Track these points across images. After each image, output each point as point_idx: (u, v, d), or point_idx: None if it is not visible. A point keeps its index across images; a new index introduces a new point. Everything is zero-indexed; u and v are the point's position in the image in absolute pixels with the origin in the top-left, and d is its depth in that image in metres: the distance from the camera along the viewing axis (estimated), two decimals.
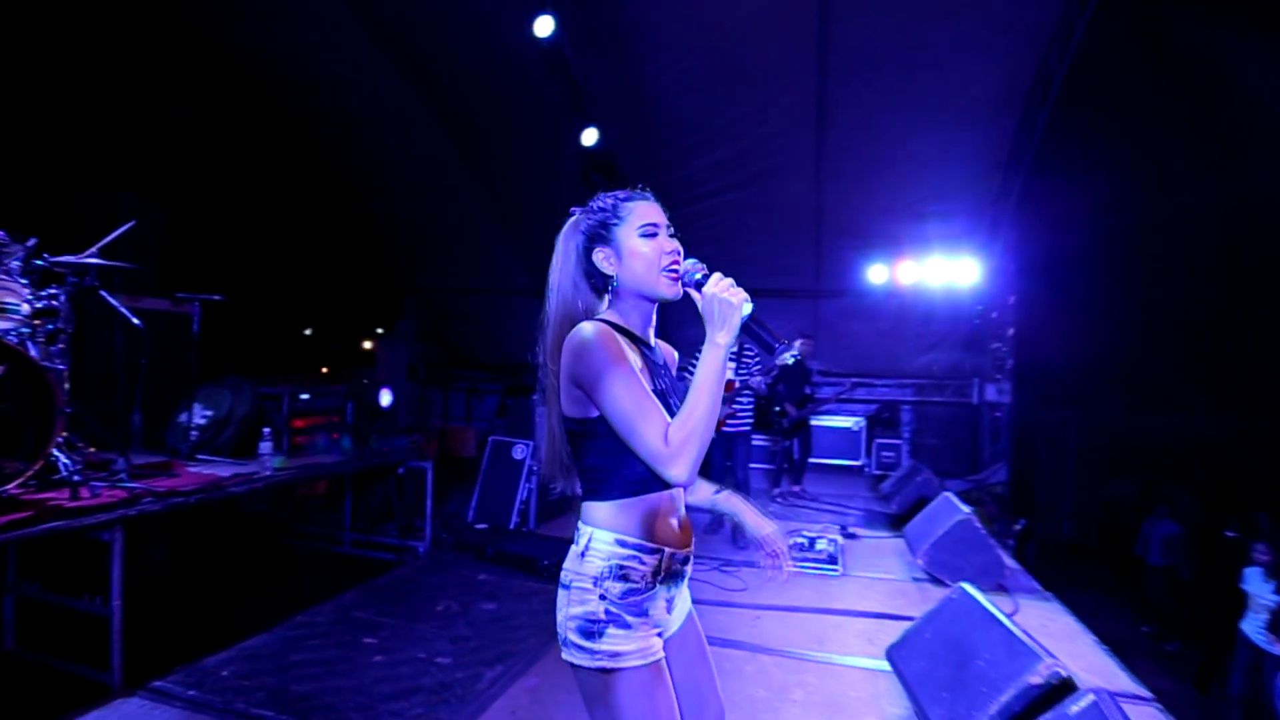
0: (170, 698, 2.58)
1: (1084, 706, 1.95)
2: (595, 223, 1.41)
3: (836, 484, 7.59)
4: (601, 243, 1.39)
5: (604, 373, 1.23)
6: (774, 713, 2.70)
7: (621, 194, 1.44)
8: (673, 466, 1.21)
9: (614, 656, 1.24)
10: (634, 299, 1.41)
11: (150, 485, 2.99)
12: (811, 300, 8.92)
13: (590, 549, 1.29)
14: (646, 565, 1.30)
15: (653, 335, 1.47)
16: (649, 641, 1.29)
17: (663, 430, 1.22)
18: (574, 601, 1.28)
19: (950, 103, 6.32)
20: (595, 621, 1.25)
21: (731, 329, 1.28)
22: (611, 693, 1.24)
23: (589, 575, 1.28)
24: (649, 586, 1.30)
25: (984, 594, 4.00)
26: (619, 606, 1.26)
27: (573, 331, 1.29)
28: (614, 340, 1.27)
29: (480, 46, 6.33)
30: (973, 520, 4.20)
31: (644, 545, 1.30)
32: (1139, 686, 3.06)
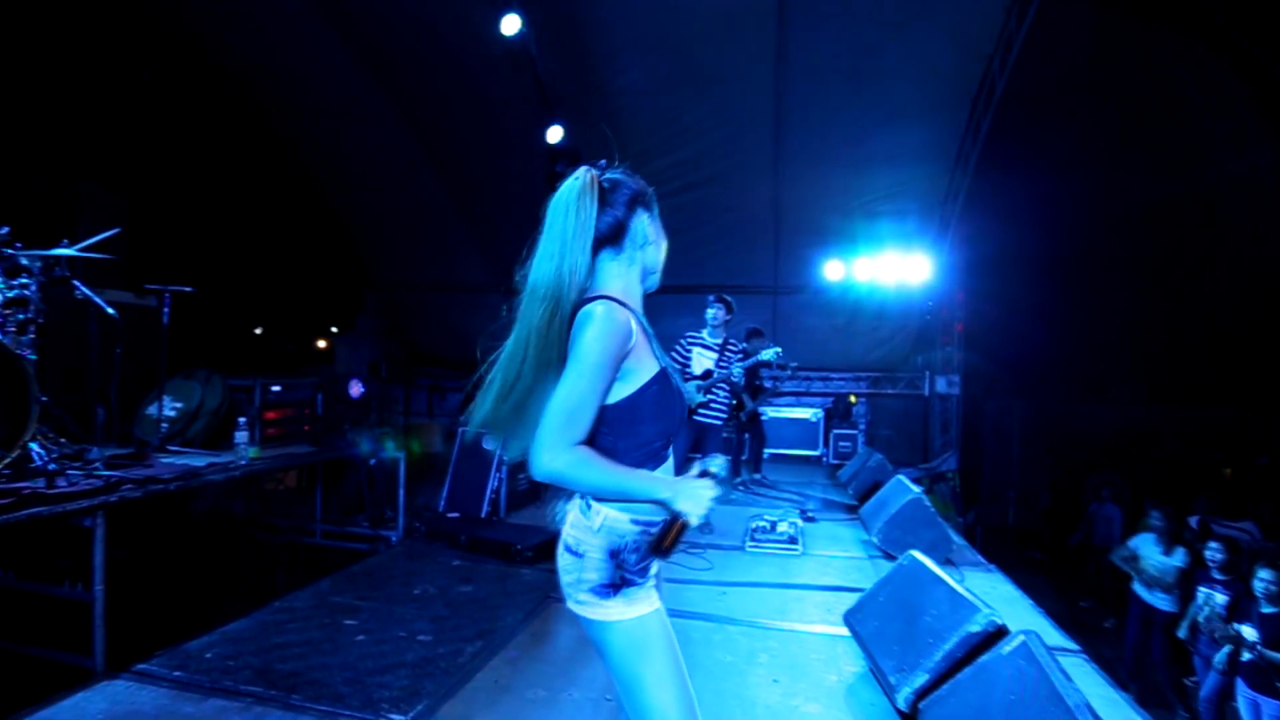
0: (156, 679, 2.63)
1: (1015, 646, 2.19)
2: (638, 191, 1.50)
3: (796, 473, 7.86)
4: (648, 210, 1.52)
5: (589, 361, 1.31)
6: (740, 675, 2.88)
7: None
8: (545, 457, 1.29)
9: (630, 607, 1.39)
10: (639, 276, 1.53)
11: (127, 474, 3.02)
12: (770, 296, 9.21)
13: (606, 526, 1.40)
14: (651, 533, 1.42)
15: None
16: (655, 592, 1.46)
17: (576, 437, 1.31)
18: (588, 569, 1.40)
19: (901, 106, 6.66)
20: (611, 586, 1.39)
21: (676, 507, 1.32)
22: (626, 638, 1.39)
23: (605, 548, 1.40)
24: (655, 551, 1.43)
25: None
26: (633, 572, 1.40)
27: (587, 309, 1.35)
28: (623, 339, 1.34)
29: (443, 41, 6.39)
30: (922, 499, 4.48)
31: (652, 521, 1.41)
32: (1067, 641, 3.36)
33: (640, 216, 1.50)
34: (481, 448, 5.31)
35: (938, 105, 6.64)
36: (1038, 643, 2.15)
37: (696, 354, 4.97)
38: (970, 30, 6.02)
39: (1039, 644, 2.15)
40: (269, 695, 2.52)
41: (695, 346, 4.99)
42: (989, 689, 2.16)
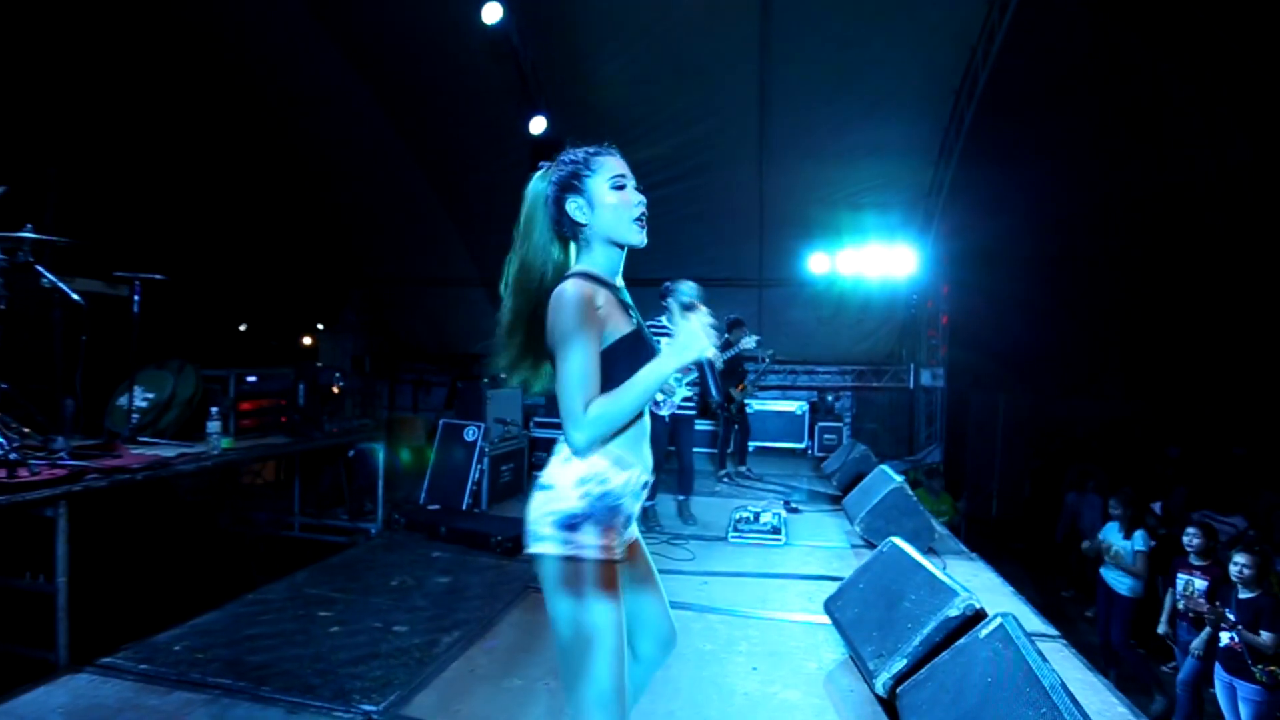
0: (120, 672, 2.56)
1: (992, 628, 2.18)
2: (567, 174, 1.53)
3: (781, 465, 7.87)
4: (574, 192, 1.52)
5: (569, 333, 1.38)
6: (720, 662, 2.86)
7: (590, 148, 1.58)
8: (578, 431, 1.37)
9: (585, 548, 1.39)
10: (603, 246, 1.55)
11: (94, 464, 2.94)
12: (756, 289, 9.20)
13: (583, 467, 1.42)
14: (623, 476, 1.45)
15: (620, 273, 1.61)
16: (614, 541, 1.44)
17: (587, 398, 1.38)
18: (555, 499, 1.42)
19: (885, 98, 6.65)
20: (574, 516, 1.40)
21: (686, 361, 1.43)
22: (579, 579, 1.39)
23: (574, 477, 1.42)
24: (623, 495, 1.45)
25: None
26: (598, 506, 1.40)
27: (558, 290, 1.43)
28: (586, 303, 1.40)
29: (424, 30, 6.30)
30: (904, 489, 4.48)
31: (623, 458, 1.45)
32: (1046, 626, 3.37)
33: (571, 199, 1.53)
34: (463, 439, 5.26)
35: (921, 97, 6.64)
36: (1014, 625, 2.14)
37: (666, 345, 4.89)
38: (953, 21, 6.02)
39: (1015, 626, 2.14)
40: (237, 687, 2.46)
41: (663, 338, 4.89)
42: (966, 671, 2.15)
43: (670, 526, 5.00)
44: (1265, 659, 3.88)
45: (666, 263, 8.78)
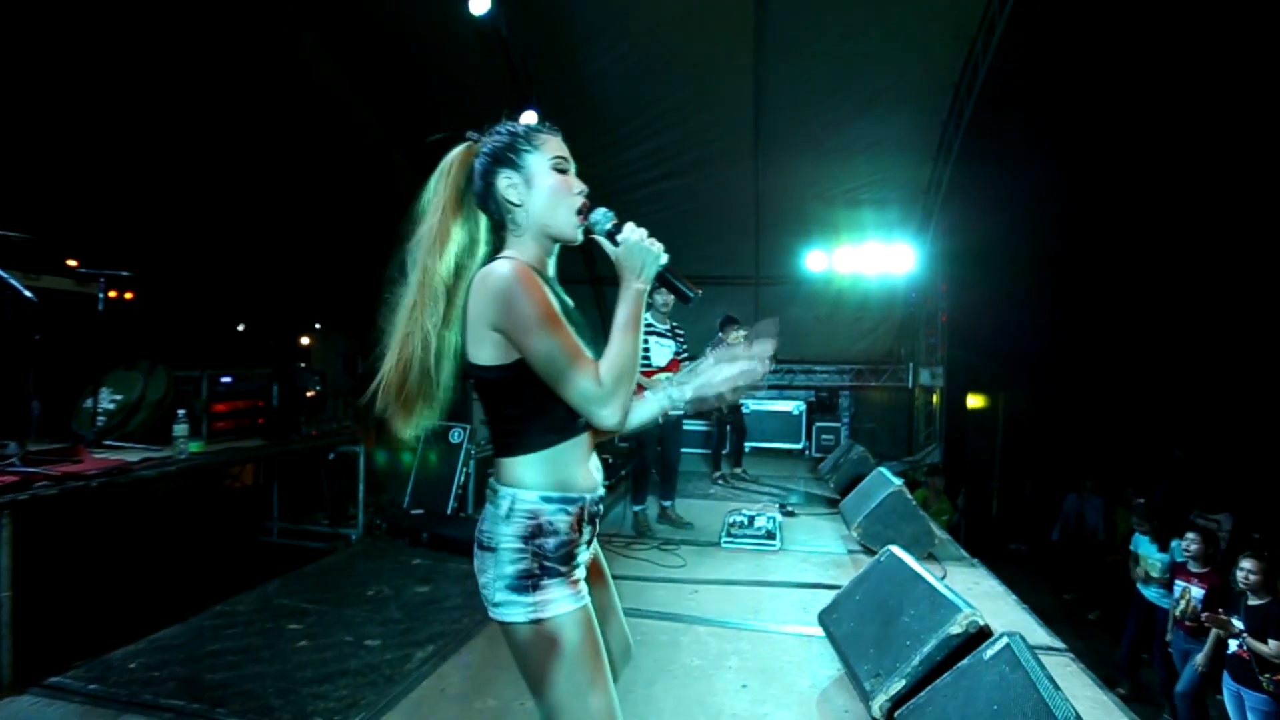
0: (68, 693, 2.41)
1: (998, 649, 2.03)
2: (503, 144, 1.33)
3: (777, 466, 7.72)
4: (510, 166, 1.32)
5: (531, 316, 1.18)
6: (708, 680, 2.71)
7: (534, 124, 1.38)
8: (606, 407, 1.21)
9: (550, 604, 1.23)
10: (535, 235, 1.35)
11: (48, 470, 2.79)
12: (752, 287, 9.07)
13: (515, 510, 1.25)
14: (572, 515, 1.29)
15: (553, 270, 1.42)
16: (579, 585, 1.29)
17: (594, 372, 1.21)
18: (504, 562, 1.24)
19: (882, 93, 6.50)
20: (530, 577, 1.23)
21: (647, 277, 1.29)
22: (547, 640, 1.23)
23: (518, 536, 1.24)
24: (576, 535, 1.30)
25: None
26: (552, 560, 1.25)
27: (484, 272, 1.22)
28: (535, 279, 1.23)
29: (411, 23, 6.13)
30: (903, 492, 4.33)
31: (568, 498, 1.28)
32: (1053, 639, 3.21)
33: (504, 174, 1.32)
34: (448, 441, 5.10)
35: (919, 92, 6.49)
36: (1022, 645, 1.99)
37: (655, 343, 4.74)
38: (952, 13, 5.87)
39: (1023, 646, 1.98)
40: (190, 709, 2.31)
41: (651, 336, 4.74)
42: (970, 697, 1.99)
43: (663, 532, 4.85)
44: (1273, 668, 3.75)
45: None
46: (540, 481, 1.27)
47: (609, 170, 7.77)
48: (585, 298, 9.20)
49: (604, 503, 1.43)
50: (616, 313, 1.27)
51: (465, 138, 1.37)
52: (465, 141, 1.37)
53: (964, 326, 8.74)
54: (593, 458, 1.41)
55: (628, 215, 5.46)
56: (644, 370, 4.69)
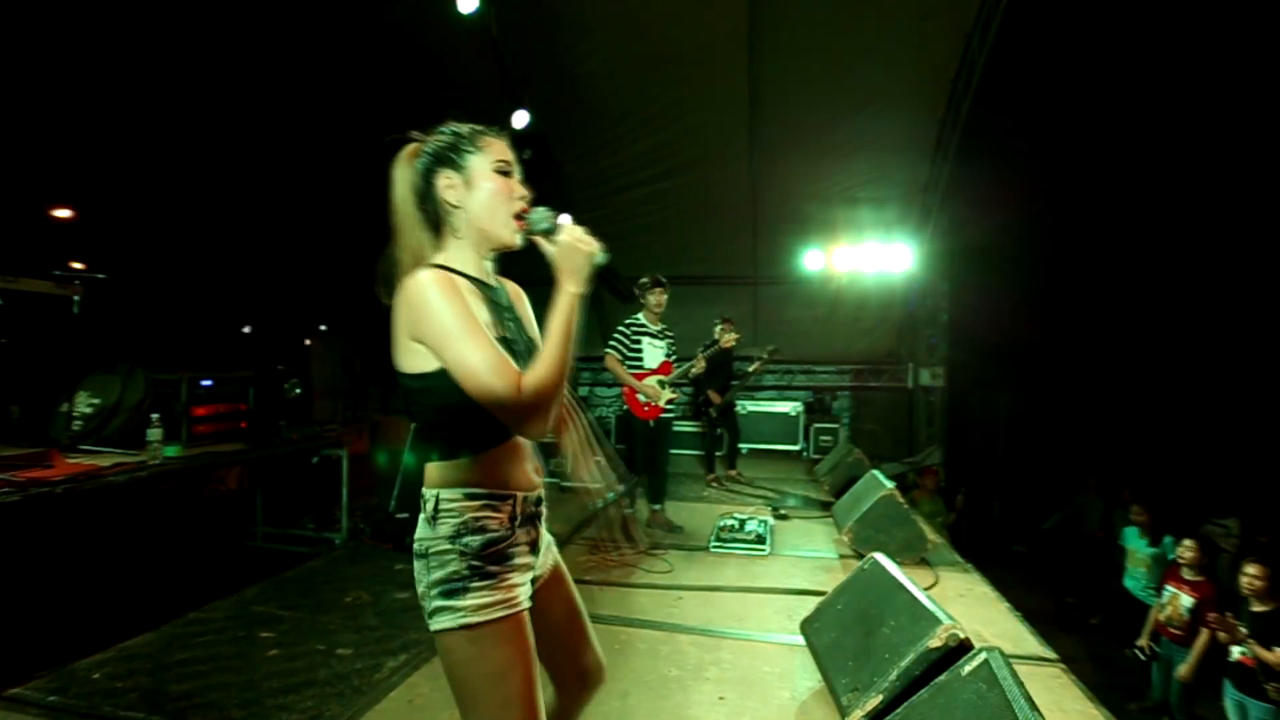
0: (25, 705, 2.36)
1: (975, 665, 1.95)
2: (445, 145, 1.30)
3: (774, 468, 7.64)
4: (450, 166, 1.29)
5: (445, 324, 1.15)
6: (685, 691, 2.64)
7: (479, 126, 1.34)
8: (526, 419, 1.17)
9: (478, 610, 1.18)
10: (472, 240, 1.32)
11: (12, 476, 2.75)
12: (750, 287, 8.99)
13: (441, 510, 1.22)
14: (501, 513, 1.25)
15: (491, 275, 1.38)
16: (513, 591, 1.23)
17: (515, 381, 1.15)
18: (434, 568, 1.21)
19: (878, 90, 6.41)
20: (459, 579, 1.19)
21: (584, 278, 1.24)
22: (474, 649, 1.18)
23: (444, 537, 1.21)
24: (508, 533, 1.25)
25: (905, 566, 4.09)
26: (481, 559, 1.20)
27: (406, 282, 1.19)
28: (453, 288, 1.18)
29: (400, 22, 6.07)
30: (895, 496, 4.24)
31: (495, 494, 1.25)
32: (1045, 649, 3.12)
33: (444, 174, 1.29)
34: None
35: (916, 89, 6.38)
36: (1000, 661, 1.91)
37: (648, 345, 4.68)
38: (948, 8, 5.77)
39: (1001, 663, 1.90)
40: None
41: (643, 337, 4.69)
42: (947, 714, 1.92)
43: (652, 536, 4.78)
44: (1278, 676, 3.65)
45: (657, 261, 8.58)
46: (465, 479, 1.24)
47: (604, 170, 7.72)
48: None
49: (543, 506, 1.38)
50: (549, 320, 1.22)
51: (409, 138, 1.34)
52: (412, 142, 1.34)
53: (965, 326, 8.62)
54: (531, 459, 1.36)
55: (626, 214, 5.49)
56: (636, 372, 4.64)
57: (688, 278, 8.86)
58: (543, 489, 1.38)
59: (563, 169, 7.65)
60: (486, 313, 1.26)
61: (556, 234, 1.27)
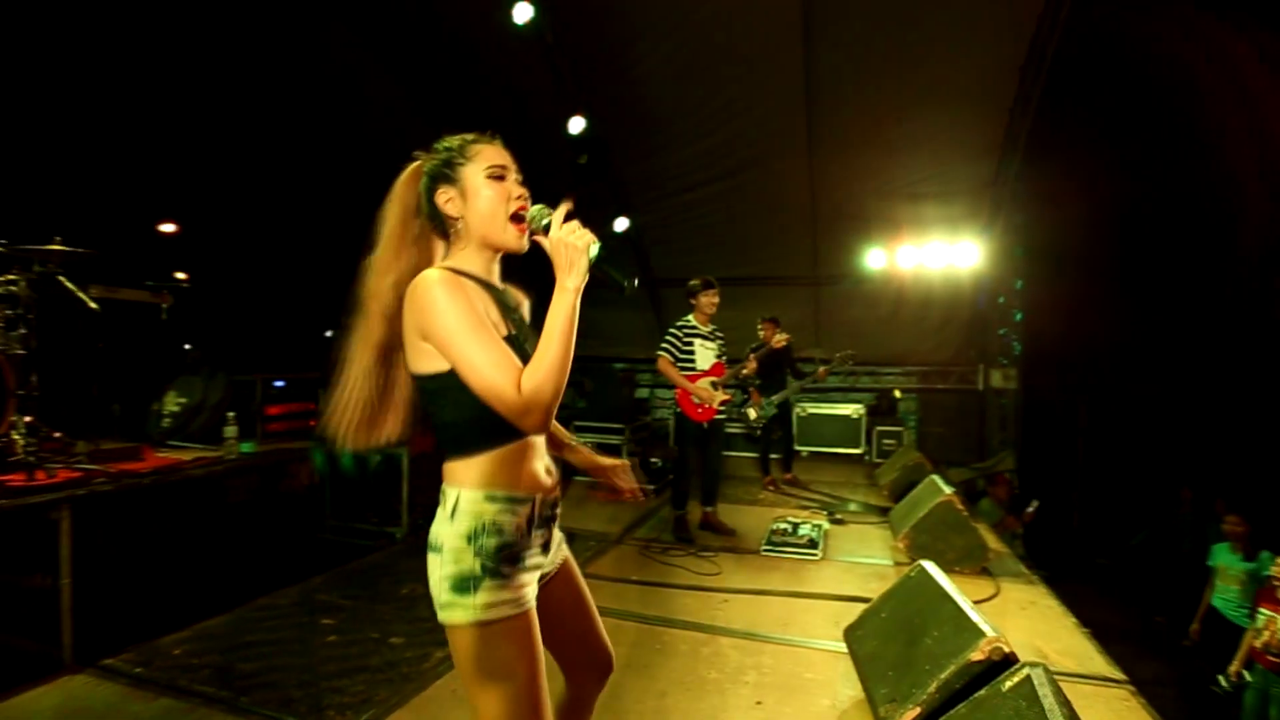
0: (117, 674, 2.60)
1: (1016, 681, 1.87)
2: (440, 162, 1.36)
3: (834, 472, 7.47)
4: (446, 182, 1.35)
5: (451, 324, 1.19)
6: (722, 694, 2.63)
7: (469, 136, 1.40)
8: (526, 416, 1.20)
9: (489, 608, 1.22)
10: (476, 246, 1.37)
11: (107, 468, 3.02)
12: (811, 288, 8.81)
13: (459, 509, 1.26)
14: (519, 516, 1.28)
15: (498, 279, 1.42)
16: (522, 591, 1.27)
17: (515, 379, 1.19)
18: (448, 562, 1.25)
19: (942, 79, 6.15)
20: (471, 578, 1.23)
21: (580, 272, 1.25)
22: (483, 645, 1.22)
23: (462, 535, 1.25)
24: (523, 536, 1.29)
25: (965, 576, 3.94)
26: (495, 560, 1.24)
27: (414, 283, 1.24)
28: (459, 287, 1.23)
29: (457, 32, 6.29)
30: (953, 502, 4.08)
31: (514, 496, 1.28)
32: (1113, 669, 2.94)
33: (443, 190, 1.35)
34: None
35: (982, 77, 6.08)
36: (1043, 678, 1.82)
37: (700, 346, 4.69)
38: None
39: (1044, 680, 1.81)
40: (218, 697, 2.44)
41: (695, 339, 4.70)
42: None
43: (703, 538, 4.78)
44: None
45: (717, 262, 8.55)
46: (484, 481, 1.27)
47: (661, 173, 7.74)
48: (637, 302, 9.22)
49: (558, 508, 1.42)
50: (549, 316, 1.24)
51: (412, 158, 1.40)
52: (413, 162, 1.40)
53: (1040, 325, 8.16)
54: (547, 457, 1.40)
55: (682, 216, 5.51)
56: (689, 374, 4.65)
57: (747, 279, 8.78)
58: (558, 490, 1.42)
59: (620, 173, 7.73)
60: (495, 312, 1.30)
61: (547, 232, 1.28)
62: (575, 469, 1.70)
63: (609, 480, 1.67)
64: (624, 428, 7.04)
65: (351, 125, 7.02)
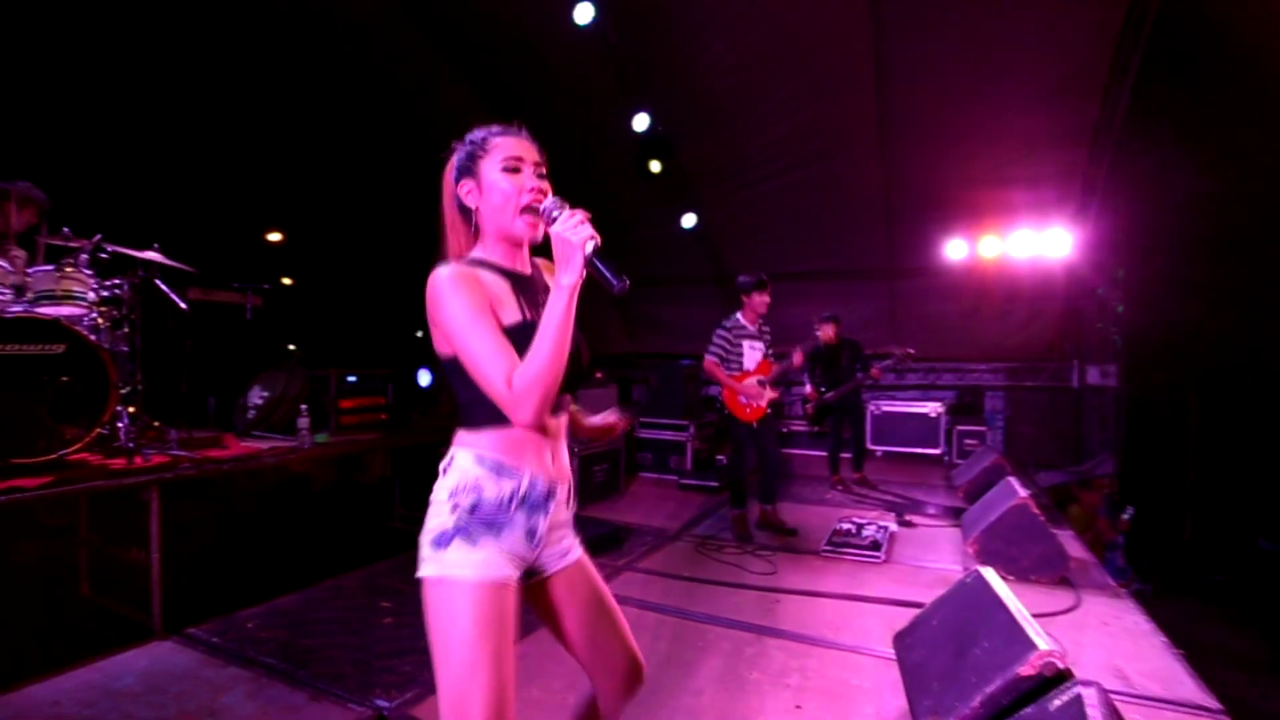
0: (197, 643, 2.83)
1: (1066, 700, 1.72)
2: (464, 155, 1.42)
3: (909, 472, 7.15)
4: (466, 175, 1.40)
5: (454, 316, 1.25)
6: (760, 696, 2.58)
7: (495, 128, 1.43)
8: (517, 410, 1.23)
9: (452, 565, 1.25)
10: (494, 237, 1.41)
11: (193, 455, 3.30)
12: (886, 281, 8.46)
13: (451, 466, 1.32)
14: (502, 485, 1.30)
15: (525, 266, 1.46)
16: (495, 561, 1.28)
17: (506, 374, 1.22)
18: (430, 517, 1.31)
19: (1026, 53, 5.74)
20: (444, 533, 1.27)
21: (574, 268, 1.24)
22: (443, 601, 1.25)
23: (446, 489, 1.30)
24: (503, 508, 1.30)
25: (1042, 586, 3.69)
26: (468, 520, 1.27)
27: (430, 277, 1.30)
28: (465, 281, 1.28)
29: (524, 36, 6.43)
30: (1028, 505, 3.81)
31: (501, 464, 1.31)
32: (1206, 696, 2.66)
33: (464, 183, 1.41)
34: None
35: (1073, 46, 5.62)
36: (1096, 699, 1.67)
37: (748, 346, 4.64)
38: None
39: (1097, 701, 1.66)
40: (280, 669, 2.61)
41: (744, 339, 4.66)
42: None
43: (761, 537, 4.70)
44: None
45: (787, 257, 8.37)
46: (480, 444, 1.32)
47: (728, 167, 7.64)
48: (708, 298, 9.13)
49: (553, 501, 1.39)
50: (544, 312, 1.25)
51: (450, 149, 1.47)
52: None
53: (1146, 317, 7.47)
54: (556, 446, 1.41)
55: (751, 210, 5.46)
56: (735, 374, 4.60)
57: (819, 273, 8.55)
58: (560, 486, 1.41)
59: (686, 169, 7.69)
60: (512, 298, 1.35)
61: (555, 221, 1.28)
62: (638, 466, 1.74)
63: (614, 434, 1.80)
64: (689, 424, 7.00)
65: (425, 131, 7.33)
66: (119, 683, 2.52)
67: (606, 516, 5.08)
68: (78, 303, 3.24)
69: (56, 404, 2.95)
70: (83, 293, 3.27)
